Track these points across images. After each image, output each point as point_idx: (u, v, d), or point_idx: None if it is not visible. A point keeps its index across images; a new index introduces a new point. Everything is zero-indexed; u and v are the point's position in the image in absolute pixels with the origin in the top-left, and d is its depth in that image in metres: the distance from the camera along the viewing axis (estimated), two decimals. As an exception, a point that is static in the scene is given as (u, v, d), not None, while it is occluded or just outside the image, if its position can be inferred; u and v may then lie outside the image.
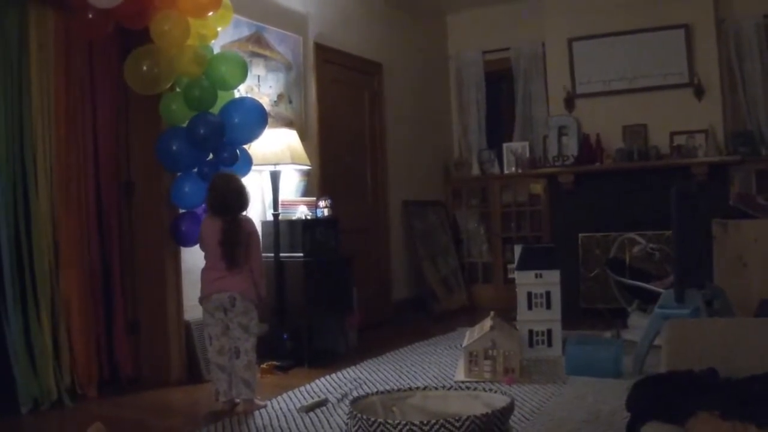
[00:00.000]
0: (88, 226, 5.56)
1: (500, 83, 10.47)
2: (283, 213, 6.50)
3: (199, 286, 5.10)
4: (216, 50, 5.92)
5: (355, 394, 5.10)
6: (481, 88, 10.34)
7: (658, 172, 8.26)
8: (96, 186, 5.69)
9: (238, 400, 4.99)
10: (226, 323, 5.01)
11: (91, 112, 5.66)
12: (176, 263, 5.88)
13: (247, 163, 5.94)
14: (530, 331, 6.32)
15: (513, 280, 6.64)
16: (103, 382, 5.57)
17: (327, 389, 5.44)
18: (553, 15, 9.12)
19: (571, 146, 8.85)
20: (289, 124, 7.05)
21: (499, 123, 10.45)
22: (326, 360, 6.46)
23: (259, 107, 5.91)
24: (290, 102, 7.22)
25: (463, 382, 5.39)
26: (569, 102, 8.98)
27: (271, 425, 4.58)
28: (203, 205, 5.55)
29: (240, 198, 5.10)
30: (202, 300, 5.06)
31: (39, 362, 5.12)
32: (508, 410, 2.95)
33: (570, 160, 8.75)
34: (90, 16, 5.05)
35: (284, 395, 5.29)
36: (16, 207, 5.13)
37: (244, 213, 5.15)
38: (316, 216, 6.77)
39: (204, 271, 5.09)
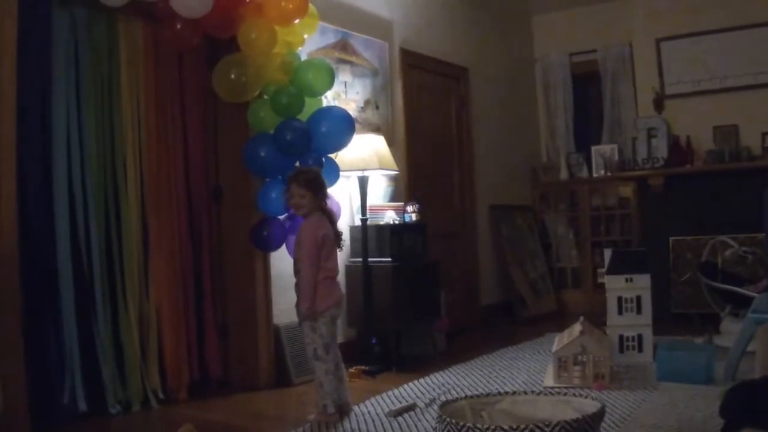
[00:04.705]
0: (178, 231, 5.66)
1: (587, 85, 10.37)
2: (371, 218, 6.54)
3: (287, 292, 5.05)
4: (303, 57, 5.97)
5: (443, 398, 5.09)
6: (568, 90, 10.27)
7: (750, 174, 8.06)
8: (186, 191, 5.79)
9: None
10: None
11: (181, 119, 5.77)
12: (266, 268, 5.93)
13: (334, 170, 5.93)
14: (620, 337, 6.23)
15: (602, 285, 6.55)
16: (193, 384, 5.67)
17: (415, 394, 5.45)
18: (641, 15, 9.00)
19: (661, 148, 8.70)
20: (376, 129, 7.08)
21: (587, 126, 10.35)
22: (414, 364, 6.46)
23: (346, 116, 5.93)
24: (377, 108, 7.26)
25: (552, 387, 5.34)
26: (658, 103, 8.83)
27: (359, 429, 4.60)
28: (291, 211, 5.35)
29: None
30: (332, 308, 4.78)
31: (128, 364, 5.24)
32: (599, 416, 2.92)
33: (659, 162, 8.62)
34: (178, 26, 5.15)
35: (372, 399, 5.31)
36: (107, 212, 5.26)
37: None
38: (404, 221, 6.80)
39: (327, 279, 4.78)
